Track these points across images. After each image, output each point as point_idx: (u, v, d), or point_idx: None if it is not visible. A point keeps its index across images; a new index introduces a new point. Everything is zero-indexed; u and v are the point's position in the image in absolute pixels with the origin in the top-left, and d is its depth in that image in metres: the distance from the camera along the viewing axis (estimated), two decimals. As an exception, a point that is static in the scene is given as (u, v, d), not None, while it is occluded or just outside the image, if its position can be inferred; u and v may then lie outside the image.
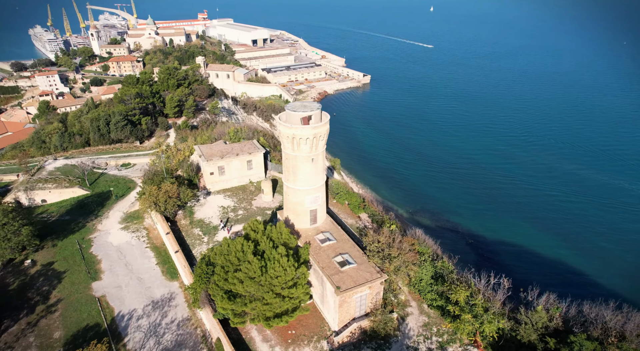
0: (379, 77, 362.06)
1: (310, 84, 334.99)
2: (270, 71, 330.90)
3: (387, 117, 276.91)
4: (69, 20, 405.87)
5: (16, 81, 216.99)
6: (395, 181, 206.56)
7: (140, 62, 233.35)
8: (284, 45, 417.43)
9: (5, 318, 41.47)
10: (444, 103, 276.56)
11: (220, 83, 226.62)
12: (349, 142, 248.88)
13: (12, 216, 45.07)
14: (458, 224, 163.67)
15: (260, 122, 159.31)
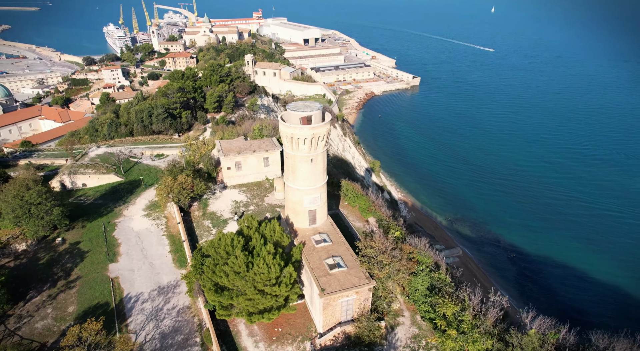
0: (429, 80, 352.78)
1: (357, 84, 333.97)
2: (319, 70, 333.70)
3: (434, 122, 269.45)
4: (137, 18, 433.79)
5: (86, 74, 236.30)
6: (436, 187, 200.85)
7: (194, 58, 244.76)
8: (335, 45, 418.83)
9: (31, 289, 45.70)
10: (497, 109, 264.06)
11: (266, 81, 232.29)
12: (392, 145, 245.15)
13: (45, 197, 49.46)
14: (501, 238, 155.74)
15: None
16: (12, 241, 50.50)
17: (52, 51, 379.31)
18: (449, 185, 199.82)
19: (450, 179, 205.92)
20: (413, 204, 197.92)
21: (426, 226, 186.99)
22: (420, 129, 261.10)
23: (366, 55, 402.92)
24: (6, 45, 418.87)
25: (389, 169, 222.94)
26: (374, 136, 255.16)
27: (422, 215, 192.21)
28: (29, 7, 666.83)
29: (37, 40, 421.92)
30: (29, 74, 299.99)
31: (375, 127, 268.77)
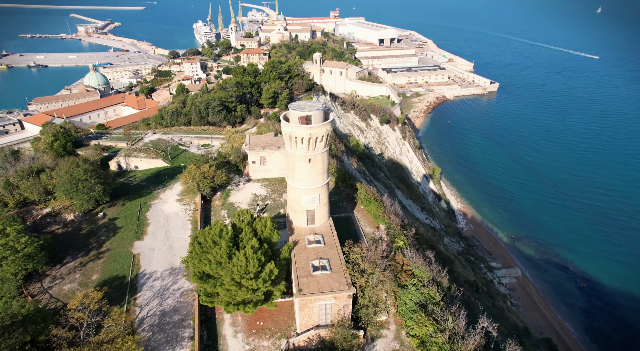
0: (509, 86, 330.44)
1: (429, 87, 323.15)
2: (390, 71, 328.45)
3: (509, 131, 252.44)
4: (223, 16, 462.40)
5: (170, 67, 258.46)
6: (502, 201, 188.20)
7: (267, 55, 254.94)
8: (411, 46, 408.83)
9: (68, 255, 51.70)
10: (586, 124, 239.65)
11: (332, 80, 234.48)
12: (458, 152, 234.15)
13: (90, 174, 55.54)
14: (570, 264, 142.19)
15: (356, 121, 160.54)
16: (62, 211, 57.50)
17: (149, 45, 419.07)
18: (516, 200, 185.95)
19: (519, 194, 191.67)
20: (473, 216, 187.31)
21: (484, 240, 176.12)
22: (492, 138, 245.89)
23: (442, 58, 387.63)
24: (115, 40, 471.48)
25: (451, 178, 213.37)
26: (440, 142, 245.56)
27: (482, 229, 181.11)
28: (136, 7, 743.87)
29: (139, 36, 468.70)
30: (128, 66, 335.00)
31: (442, 133, 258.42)
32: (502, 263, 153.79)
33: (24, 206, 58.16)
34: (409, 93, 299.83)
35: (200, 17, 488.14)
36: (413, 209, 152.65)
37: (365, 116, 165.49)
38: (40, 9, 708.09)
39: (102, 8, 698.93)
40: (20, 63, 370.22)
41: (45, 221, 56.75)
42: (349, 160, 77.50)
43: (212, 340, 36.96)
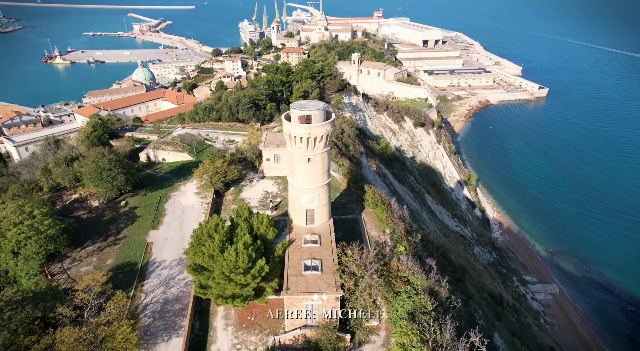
0: (560, 92, 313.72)
1: (472, 90, 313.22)
2: (432, 73, 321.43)
3: (556, 140, 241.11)
4: (268, 15, 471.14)
5: (212, 64, 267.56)
6: (542, 213, 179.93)
7: (306, 54, 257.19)
8: (456, 48, 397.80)
9: (89, 239, 54.95)
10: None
11: (370, 80, 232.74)
12: (498, 159, 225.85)
13: (113, 164, 58.71)
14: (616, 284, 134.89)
15: (389, 123, 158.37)
16: (89, 197, 61.22)
17: (196, 43, 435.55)
18: (558, 213, 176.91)
19: (562, 207, 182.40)
20: (509, 226, 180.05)
21: (519, 253, 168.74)
22: (536, 146, 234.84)
23: (489, 61, 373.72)
24: (165, 38, 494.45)
25: (488, 185, 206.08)
26: (479, 148, 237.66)
27: (518, 240, 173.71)
28: (187, 6, 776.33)
29: (188, 34, 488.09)
30: (175, 62, 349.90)
31: (483, 139, 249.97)
32: (538, 278, 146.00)
33: (57, 191, 62.51)
34: (450, 96, 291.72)
35: (247, 16, 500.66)
36: (443, 216, 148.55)
37: (398, 118, 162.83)
38: (102, 8, 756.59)
39: (156, 7, 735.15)
40: (82, 59, 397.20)
41: (73, 206, 60.71)
42: (368, 162, 76.64)
43: (204, 330, 38.00)
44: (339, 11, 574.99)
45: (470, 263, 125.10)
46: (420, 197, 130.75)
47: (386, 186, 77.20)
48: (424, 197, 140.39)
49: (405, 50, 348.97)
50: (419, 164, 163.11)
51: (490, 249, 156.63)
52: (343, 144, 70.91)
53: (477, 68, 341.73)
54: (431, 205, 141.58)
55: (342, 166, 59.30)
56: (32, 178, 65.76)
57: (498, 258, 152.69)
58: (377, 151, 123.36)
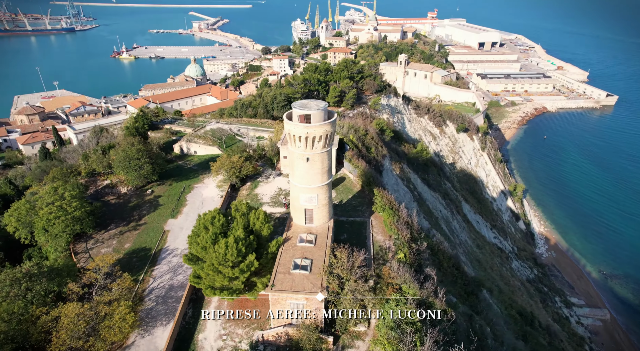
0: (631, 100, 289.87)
1: (528, 96, 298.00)
2: (486, 77, 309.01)
3: (621, 153, 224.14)
4: (321, 15, 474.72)
5: (261, 62, 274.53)
6: (597, 231, 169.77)
7: (353, 54, 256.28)
8: (514, 51, 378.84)
9: (113, 223, 58.68)
10: None
11: (416, 82, 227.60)
12: (550, 171, 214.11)
13: (141, 154, 62.23)
14: None
15: (429, 127, 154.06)
16: (118, 184, 65.39)
17: (249, 41, 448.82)
18: (616, 233, 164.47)
19: (621, 227, 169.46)
20: (557, 243, 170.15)
21: (566, 271, 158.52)
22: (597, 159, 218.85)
23: (550, 66, 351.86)
24: (221, 35, 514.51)
25: (537, 198, 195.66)
26: (530, 158, 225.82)
27: (565, 258, 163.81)
28: (245, 5, 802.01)
29: (242, 32, 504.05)
30: (228, 59, 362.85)
31: (535, 148, 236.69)
32: (586, 301, 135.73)
33: (92, 176, 67.41)
34: (504, 102, 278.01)
35: (300, 15, 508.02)
36: (480, 226, 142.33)
37: (440, 122, 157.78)
38: (167, 7, 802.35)
39: (216, 6, 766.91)
40: (144, 55, 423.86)
41: (104, 191, 65.15)
42: (391, 165, 75.01)
43: (195, 318, 39.35)
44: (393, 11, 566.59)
45: (503, 278, 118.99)
46: (455, 205, 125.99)
47: (409, 191, 75.17)
48: (461, 205, 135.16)
49: (459, 52, 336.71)
50: (459, 171, 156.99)
51: (531, 265, 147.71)
52: (364, 145, 69.95)
53: (535, 73, 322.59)
54: (468, 214, 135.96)
55: (357, 168, 58.64)
56: (73, 163, 71.38)
57: (540, 275, 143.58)
58: (411, 154, 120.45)
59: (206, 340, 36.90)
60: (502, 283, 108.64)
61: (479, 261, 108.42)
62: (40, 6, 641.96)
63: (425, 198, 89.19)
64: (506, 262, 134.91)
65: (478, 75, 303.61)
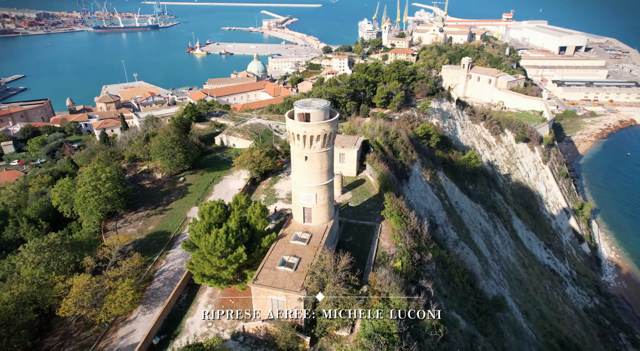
0: None
1: (613, 107, 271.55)
2: (563, 84, 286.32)
3: None
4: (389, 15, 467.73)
5: (321, 60, 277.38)
6: None
7: (415, 56, 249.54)
8: (602, 57, 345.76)
9: (143, 205, 62.93)
10: None
11: (478, 87, 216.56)
12: (631, 192, 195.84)
13: (174, 143, 66.05)
14: None
15: (485, 134, 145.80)
16: (155, 170, 70.03)
17: (315, 40, 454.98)
18: None
19: None
20: (630, 272, 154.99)
21: (638, 306, 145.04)
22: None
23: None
24: (288, 34, 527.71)
25: (610, 220, 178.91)
26: (607, 175, 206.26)
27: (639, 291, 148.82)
28: (314, 4, 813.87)
29: (309, 31, 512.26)
30: (292, 57, 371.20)
31: (614, 165, 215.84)
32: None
33: (134, 161, 72.89)
34: (581, 112, 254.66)
35: (368, 15, 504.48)
36: (532, 244, 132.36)
37: (497, 130, 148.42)
38: (240, 6, 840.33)
39: (287, 5, 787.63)
40: (215, 51, 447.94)
41: (141, 175, 70.17)
42: (421, 171, 71.95)
43: (188, 302, 41.09)
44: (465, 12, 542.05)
45: (550, 302, 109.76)
46: (502, 218, 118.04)
47: (439, 199, 71.60)
48: (510, 219, 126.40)
49: (534, 57, 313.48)
50: (514, 183, 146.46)
51: (593, 293, 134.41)
52: (392, 149, 67.81)
53: (625, 81, 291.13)
54: (519, 230, 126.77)
55: (377, 171, 57.20)
56: (119, 149, 77.68)
57: (602, 305, 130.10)
58: (458, 162, 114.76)
59: (192, 324, 38.42)
60: (546, 308, 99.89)
61: (521, 281, 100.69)
62: (133, 5, 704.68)
63: (462, 207, 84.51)
64: (558, 286, 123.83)
65: (554, 82, 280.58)
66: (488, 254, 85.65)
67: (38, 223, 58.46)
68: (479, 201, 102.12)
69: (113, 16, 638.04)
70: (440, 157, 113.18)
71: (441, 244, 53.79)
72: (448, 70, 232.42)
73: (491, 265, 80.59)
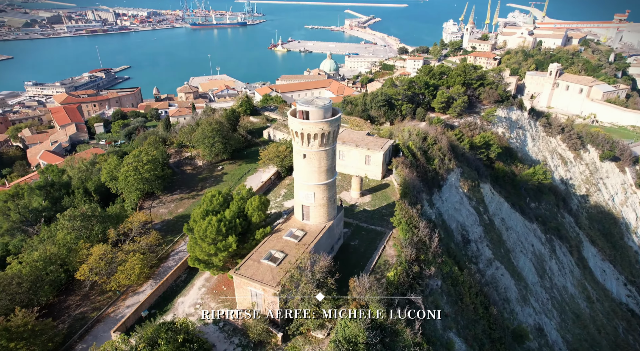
0: None
1: None
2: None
3: None
4: (477, 16, 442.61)
5: (395, 61, 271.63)
6: None
7: (497, 60, 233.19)
8: None
9: (179, 189, 67.41)
10: None
11: (567, 97, 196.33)
12: None
13: (214, 133, 69.63)
14: None
15: (560, 149, 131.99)
16: (197, 157, 74.54)
17: (395, 40, 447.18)
18: None
19: None
20: None
21: None
22: None
23: None
24: (369, 33, 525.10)
25: None
26: None
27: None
28: (400, 4, 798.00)
29: (391, 31, 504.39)
30: (369, 57, 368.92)
31: None
32: None
33: (181, 147, 78.30)
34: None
35: (456, 16, 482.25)
36: (607, 277, 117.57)
37: (577, 145, 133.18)
38: (325, 5, 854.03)
39: (371, 5, 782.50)
40: (295, 48, 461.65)
41: (184, 161, 75.16)
42: (459, 182, 66.96)
43: (185, 283, 43.18)
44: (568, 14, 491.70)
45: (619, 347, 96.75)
46: (568, 243, 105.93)
47: (476, 213, 66.06)
48: (581, 246, 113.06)
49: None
50: (592, 206, 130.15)
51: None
52: (426, 156, 64.02)
53: None
54: (590, 259, 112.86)
55: (399, 176, 54.73)
56: (172, 135, 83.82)
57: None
58: (520, 176, 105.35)
59: (182, 304, 40.39)
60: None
61: (578, 315, 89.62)
62: (226, 3, 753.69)
63: (509, 225, 77.26)
64: (637, 330, 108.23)
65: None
66: (535, 280, 77.41)
67: (91, 195, 65.74)
68: (536, 221, 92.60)
69: (208, 13, 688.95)
70: (500, 170, 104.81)
71: (459, 259, 49.75)
72: (532, 77, 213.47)
73: (535, 292, 72.76)
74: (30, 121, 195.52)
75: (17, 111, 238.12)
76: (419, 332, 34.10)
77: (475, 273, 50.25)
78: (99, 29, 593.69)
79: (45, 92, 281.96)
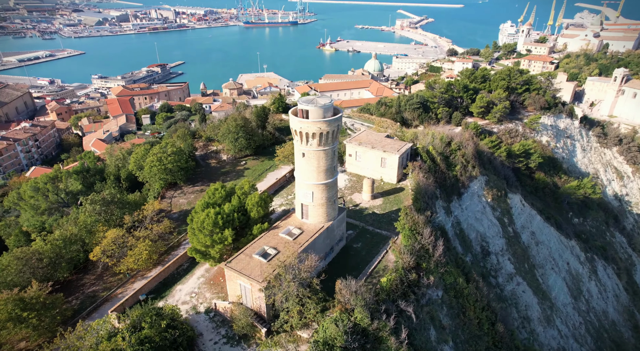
0: None
1: None
2: None
3: None
4: (539, 17, 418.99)
5: (443, 63, 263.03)
6: None
7: (554, 64, 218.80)
8: None
9: (200, 181, 69.40)
10: None
11: (634, 105, 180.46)
12: None
13: (238, 129, 71.15)
14: None
15: (616, 162, 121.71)
16: (222, 151, 76.57)
17: (447, 41, 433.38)
18: None
19: None
20: None
21: None
22: None
23: None
24: (420, 34, 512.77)
25: None
26: None
27: None
28: (456, 5, 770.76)
29: (444, 32, 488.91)
30: (418, 58, 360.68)
31: None
32: None
33: (209, 140, 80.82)
34: None
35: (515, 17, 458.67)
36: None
37: (636, 159, 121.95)
38: (377, 5, 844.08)
39: (425, 5, 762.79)
40: (343, 48, 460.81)
41: (210, 154, 77.46)
42: (483, 190, 63.27)
43: (186, 271, 44.44)
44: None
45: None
46: (616, 265, 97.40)
47: (499, 224, 62.11)
48: (633, 269, 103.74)
49: None
50: (634, 224, 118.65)
51: None
52: (447, 161, 61.09)
53: None
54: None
55: (413, 181, 52.85)
56: (202, 129, 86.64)
57: None
58: (564, 189, 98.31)
59: (180, 292, 41.64)
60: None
61: (619, 345, 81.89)
62: (279, 3, 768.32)
63: (540, 240, 72.03)
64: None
65: None
66: (568, 301, 71.70)
67: (121, 182, 69.64)
68: (577, 238, 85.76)
69: (261, 12, 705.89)
70: (540, 180, 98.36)
71: (467, 271, 47.00)
72: (594, 83, 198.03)
73: (565, 313, 67.37)
74: (90, 111, 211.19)
75: (82, 101, 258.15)
76: (405, 341, 32.76)
77: (495, 287, 47.33)
78: (160, 26, 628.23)
79: (108, 85, 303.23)
